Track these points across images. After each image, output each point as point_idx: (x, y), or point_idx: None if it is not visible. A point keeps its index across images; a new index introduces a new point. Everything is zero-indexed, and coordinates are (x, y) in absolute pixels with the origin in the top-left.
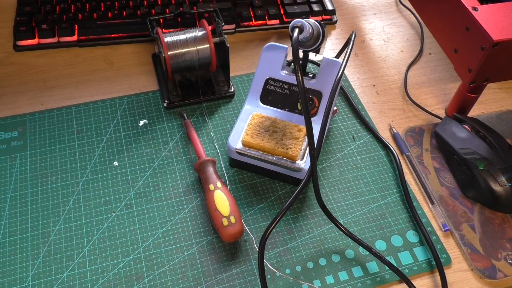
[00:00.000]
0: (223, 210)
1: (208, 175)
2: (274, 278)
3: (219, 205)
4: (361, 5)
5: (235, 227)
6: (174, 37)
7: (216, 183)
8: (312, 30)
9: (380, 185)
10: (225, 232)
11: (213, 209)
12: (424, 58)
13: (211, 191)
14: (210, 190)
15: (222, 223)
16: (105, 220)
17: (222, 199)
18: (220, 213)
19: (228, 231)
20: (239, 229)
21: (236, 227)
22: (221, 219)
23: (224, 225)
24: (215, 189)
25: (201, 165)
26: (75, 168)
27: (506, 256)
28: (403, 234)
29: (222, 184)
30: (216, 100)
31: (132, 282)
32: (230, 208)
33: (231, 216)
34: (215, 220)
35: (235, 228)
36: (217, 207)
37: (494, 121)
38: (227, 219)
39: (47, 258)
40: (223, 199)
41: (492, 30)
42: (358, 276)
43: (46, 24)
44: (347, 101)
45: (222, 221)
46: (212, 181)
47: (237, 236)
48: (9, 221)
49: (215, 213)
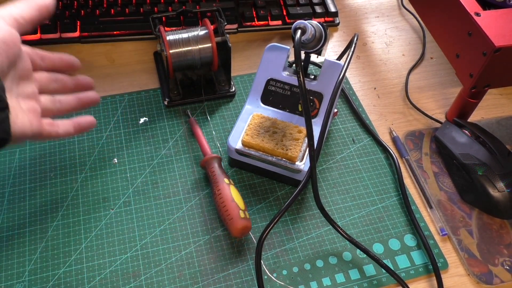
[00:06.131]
0: (240, 203)
1: (219, 170)
2: (270, 278)
3: (236, 198)
4: (364, 8)
5: (248, 221)
6: (176, 36)
7: (229, 179)
8: (315, 32)
9: (379, 188)
10: (239, 224)
11: (229, 199)
12: (425, 62)
13: (227, 184)
14: (225, 183)
15: (239, 214)
16: (103, 217)
17: (237, 193)
18: (237, 205)
19: (242, 223)
20: (250, 225)
21: (249, 222)
22: (238, 210)
23: (241, 216)
24: (230, 183)
25: (210, 160)
26: (74, 164)
27: (503, 261)
28: (400, 237)
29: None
30: (217, 99)
31: (128, 279)
32: (244, 204)
33: (245, 211)
34: (231, 211)
35: (248, 222)
36: (234, 199)
37: (494, 126)
38: (244, 212)
39: (44, 254)
40: (238, 193)
41: (494, 35)
42: (355, 279)
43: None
44: (347, 104)
45: (239, 212)
46: (225, 176)
47: (246, 232)
48: (7, 216)
49: (232, 204)
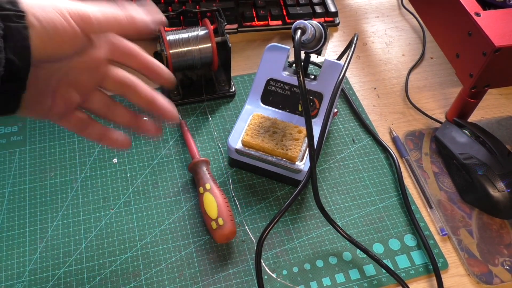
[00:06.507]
0: (211, 213)
1: (201, 176)
2: (271, 278)
3: (208, 208)
4: (364, 8)
5: (224, 228)
6: (176, 36)
7: (205, 184)
8: (315, 32)
9: (379, 188)
10: (215, 235)
11: (203, 212)
12: (425, 62)
13: (200, 194)
14: (200, 193)
15: (211, 226)
16: (103, 217)
17: (210, 202)
18: (208, 216)
19: (217, 233)
20: (229, 229)
21: (224, 229)
22: (210, 222)
23: (213, 228)
24: (204, 191)
25: (195, 165)
26: (74, 164)
27: (503, 261)
28: (400, 237)
29: (214, 183)
30: (217, 99)
31: (129, 279)
32: (218, 210)
33: (218, 219)
34: (207, 224)
35: (224, 229)
36: (206, 211)
37: (494, 126)
38: (215, 222)
39: (44, 254)
40: (211, 201)
41: (494, 35)
42: (355, 279)
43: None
44: (347, 104)
45: (211, 224)
46: (203, 182)
47: (229, 237)
48: (7, 216)
49: (205, 217)
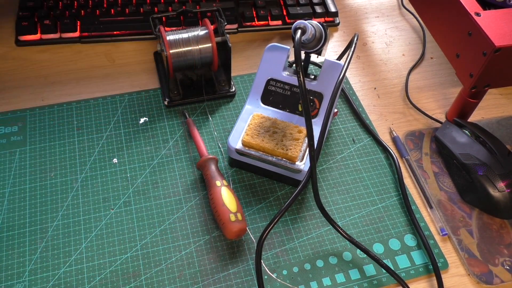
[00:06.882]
0: (231, 206)
1: (213, 172)
2: (271, 278)
3: (227, 201)
4: (364, 8)
5: (241, 223)
6: (176, 36)
7: (222, 180)
8: (315, 32)
9: (379, 188)
10: (231, 227)
11: (220, 204)
12: (425, 62)
13: (218, 187)
14: (217, 186)
15: (229, 218)
16: (103, 217)
17: (229, 195)
18: (227, 208)
19: (233, 226)
20: (244, 226)
21: (242, 224)
22: (228, 214)
23: (231, 220)
24: (221, 185)
25: (205, 162)
26: (74, 164)
27: (503, 261)
28: (401, 237)
29: (226, 182)
30: (217, 99)
31: (129, 279)
32: (237, 205)
33: (238, 213)
34: (222, 215)
35: (241, 224)
36: (224, 202)
37: (494, 126)
38: (235, 215)
39: (44, 254)
40: (230, 195)
41: (494, 35)
42: (355, 279)
43: (49, 19)
44: (347, 104)
45: (229, 216)
46: (218, 178)
47: (241, 234)
48: (7, 216)
49: (222, 208)
